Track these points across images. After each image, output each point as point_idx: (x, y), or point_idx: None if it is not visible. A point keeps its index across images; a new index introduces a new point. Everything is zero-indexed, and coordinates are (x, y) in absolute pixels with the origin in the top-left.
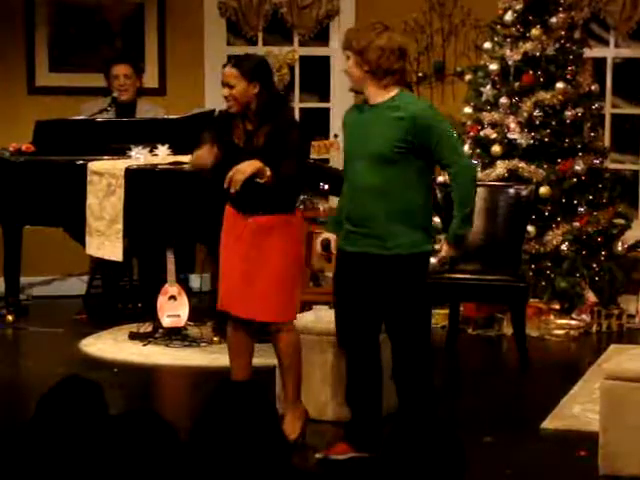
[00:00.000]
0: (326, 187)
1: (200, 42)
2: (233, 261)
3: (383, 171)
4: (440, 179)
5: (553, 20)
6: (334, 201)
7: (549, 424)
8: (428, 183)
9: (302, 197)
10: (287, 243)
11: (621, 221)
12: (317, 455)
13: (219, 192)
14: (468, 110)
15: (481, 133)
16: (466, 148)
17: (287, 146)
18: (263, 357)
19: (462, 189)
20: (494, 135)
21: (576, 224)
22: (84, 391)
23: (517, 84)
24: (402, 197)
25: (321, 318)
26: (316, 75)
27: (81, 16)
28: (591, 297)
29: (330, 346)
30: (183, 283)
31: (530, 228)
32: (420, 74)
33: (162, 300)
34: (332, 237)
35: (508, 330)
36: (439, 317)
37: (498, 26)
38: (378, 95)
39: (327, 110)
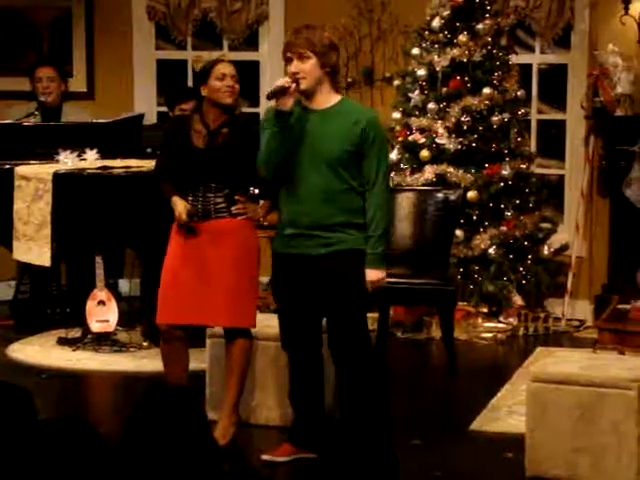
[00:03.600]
0: (257, 191)
1: (129, 46)
2: (187, 270)
3: (333, 174)
4: None
5: (480, 26)
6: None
7: (477, 426)
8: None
9: None
10: (244, 247)
11: (547, 225)
12: (263, 457)
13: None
14: (397, 115)
15: (410, 138)
16: (395, 153)
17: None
18: (192, 362)
19: (377, 210)
20: (422, 140)
21: (503, 228)
22: (12, 397)
23: (445, 89)
24: (348, 198)
25: None
26: (246, 80)
27: (8, 19)
28: (518, 300)
29: (261, 350)
30: (112, 288)
31: (458, 232)
32: (349, 79)
33: (91, 305)
34: None
35: (437, 333)
36: (368, 321)
37: (426, 32)
38: (328, 98)
39: (257, 115)
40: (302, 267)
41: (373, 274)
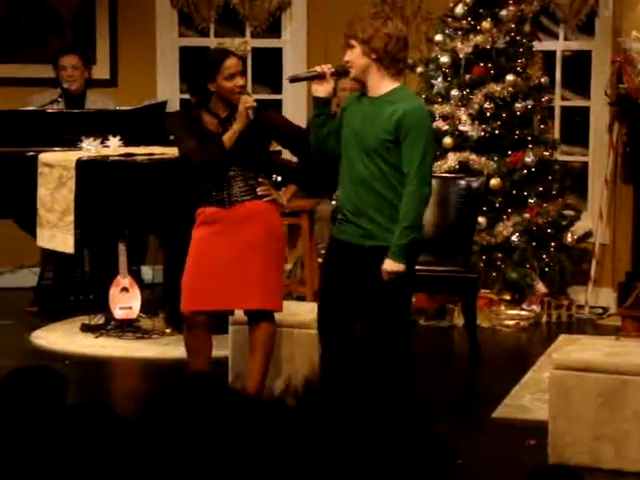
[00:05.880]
0: (279, 179)
1: (152, 33)
2: (213, 256)
3: (373, 164)
4: None
5: (503, 13)
6: (286, 190)
7: (499, 414)
8: None
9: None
10: (270, 230)
11: (571, 212)
12: None
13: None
14: None
15: (432, 125)
16: None
17: (277, 121)
18: (215, 349)
19: (407, 202)
20: (445, 127)
21: (526, 215)
22: (46, 382)
23: (468, 76)
24: (388, 190)
25: None
26: (268, 67)
27: (32, 7)
28: (541, 288)
29: (284, 337)
30: (135, 275)
31: (481, 219)
32: None
33: (114, 292)
34: None
35: (459, 321)
36: None
37: (449, 19)
38: (381, 86)
39: (279, 102)
40: (345, 254)
41: (389, 265)
